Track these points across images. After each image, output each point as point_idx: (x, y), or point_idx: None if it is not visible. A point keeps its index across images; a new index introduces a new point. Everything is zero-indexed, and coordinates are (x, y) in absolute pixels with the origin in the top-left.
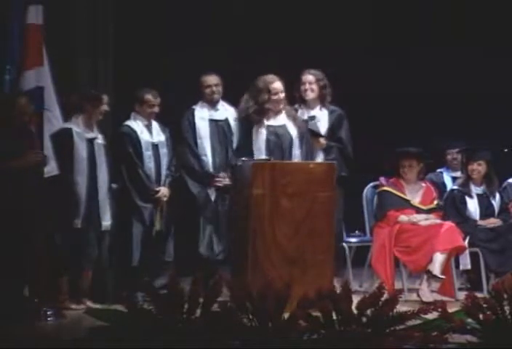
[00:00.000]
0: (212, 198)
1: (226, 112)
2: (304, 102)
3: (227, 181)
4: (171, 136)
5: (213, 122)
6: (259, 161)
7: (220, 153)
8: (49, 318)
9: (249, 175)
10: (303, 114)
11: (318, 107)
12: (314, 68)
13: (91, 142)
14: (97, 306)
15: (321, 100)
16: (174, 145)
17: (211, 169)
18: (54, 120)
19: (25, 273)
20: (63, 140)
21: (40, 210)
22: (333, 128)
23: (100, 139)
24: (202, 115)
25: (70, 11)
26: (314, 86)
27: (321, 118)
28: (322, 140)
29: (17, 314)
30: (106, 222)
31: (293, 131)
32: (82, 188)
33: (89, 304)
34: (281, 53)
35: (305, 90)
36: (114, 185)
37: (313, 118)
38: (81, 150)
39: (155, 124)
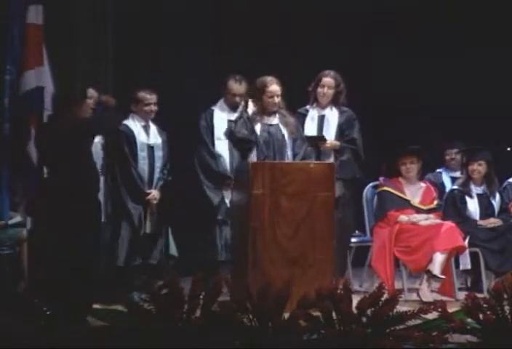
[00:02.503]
0: (227, 200)
1: None
2: (316, 101)
3: None
4: (168, 140)
5: (231, 123)
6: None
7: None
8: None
9: (249, 175)
10: (314, 113)
11: (329, 107)
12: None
13: None
14: (97, 306)
15: (334, 102)
16: (180, 145)
17: (228, 171)
18: None
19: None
20: None
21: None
22: (342, 128)
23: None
24: (221, 116)
25: (70, 11)
26: (332, 91)
27: (331, 119)
28: (331, 141)
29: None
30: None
31: (285, 131)
32: None
33: None
34: (282, 53)
35: (323, 94)
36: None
37: (322, 117)
38: None
39: (153, 127)
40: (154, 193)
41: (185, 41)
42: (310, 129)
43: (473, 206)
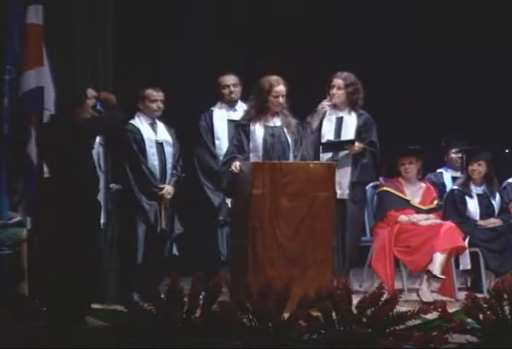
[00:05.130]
0: (228, 201)
1: None
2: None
3: None
4: (177, 136)
5: (231, 123)
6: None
7: None
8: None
9: (249, 175)
10: (332, 115)
11: (347, 110)
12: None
13: None
14: (97, 306)
15: (351, 104)
16: (181, 145)
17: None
18: None
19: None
20: None
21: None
22: (360, 131)
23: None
24: (220, 116)
25: (70, 11)
26: (342, 92)
27: (349, 121)
28: (358, 144)
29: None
30: (101, 220)
31: (288, 133)
32: None
33: None
34: (282, 53)
35: (333, 94)
36: (113, 185)
37: (340, 119)
38: None
39: (160, 124)
40: (167, 188)
41: (185, 41)
42: (328, 130)
43: (473, 206)
